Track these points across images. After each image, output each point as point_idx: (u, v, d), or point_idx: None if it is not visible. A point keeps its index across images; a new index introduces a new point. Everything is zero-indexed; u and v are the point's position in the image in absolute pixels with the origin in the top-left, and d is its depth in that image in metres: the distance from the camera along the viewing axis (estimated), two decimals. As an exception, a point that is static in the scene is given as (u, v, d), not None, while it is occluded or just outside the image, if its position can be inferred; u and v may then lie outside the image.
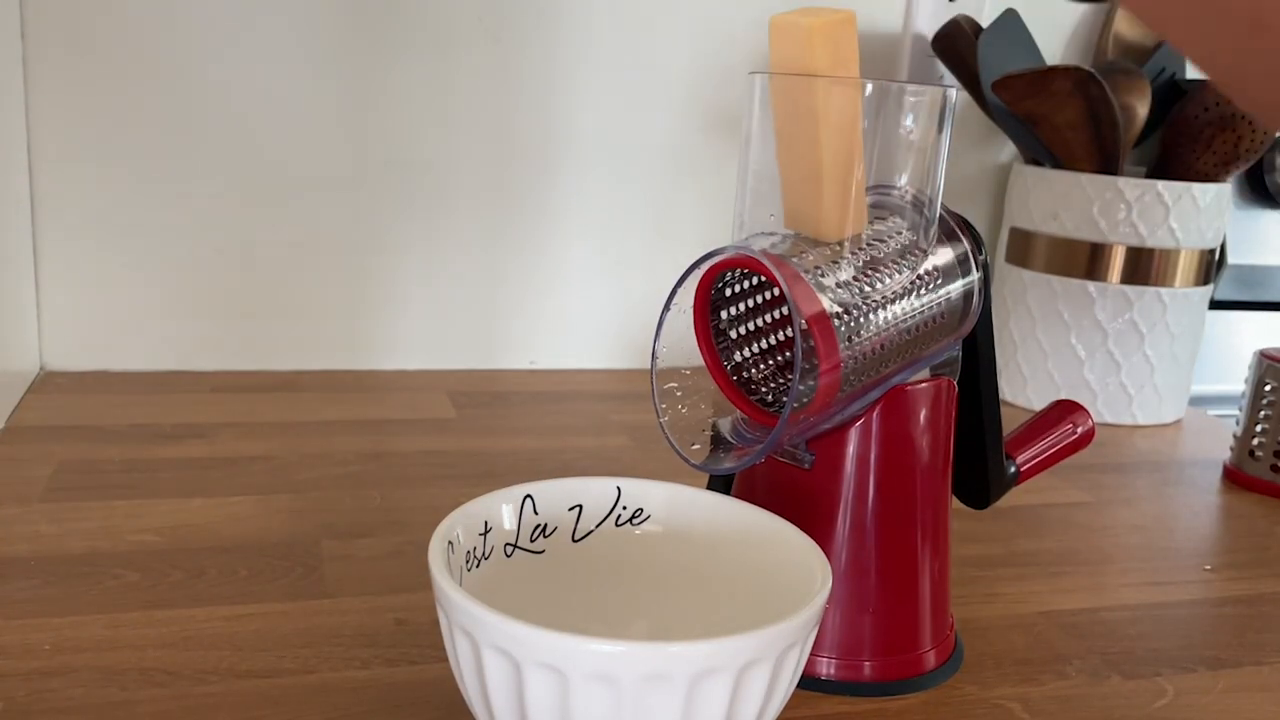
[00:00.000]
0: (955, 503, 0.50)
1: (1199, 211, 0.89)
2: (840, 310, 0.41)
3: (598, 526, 0.45)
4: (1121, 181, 0.88)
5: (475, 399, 0.86)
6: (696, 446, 0.45)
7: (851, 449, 0.46)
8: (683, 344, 0.45)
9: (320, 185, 0.87)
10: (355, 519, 0.61)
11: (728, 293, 0.46)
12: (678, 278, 0.44)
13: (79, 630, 0.47)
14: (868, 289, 0.42)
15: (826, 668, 0.47)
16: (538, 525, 0.44)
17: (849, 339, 0.41)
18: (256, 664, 0.46)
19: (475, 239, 0.92)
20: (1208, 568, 0.64)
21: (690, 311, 0.45)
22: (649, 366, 0.45)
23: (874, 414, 0.45)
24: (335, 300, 0.90)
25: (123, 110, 0.81)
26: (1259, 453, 0.78)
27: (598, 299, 0.97)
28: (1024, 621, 0.55)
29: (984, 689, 0.48)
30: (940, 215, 0.46)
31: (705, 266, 0.43)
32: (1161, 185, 0.88)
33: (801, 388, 0.41)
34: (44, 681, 0.43)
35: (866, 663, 0.47)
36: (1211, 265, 0.92)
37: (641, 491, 0.45)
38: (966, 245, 0.47)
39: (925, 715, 0.46)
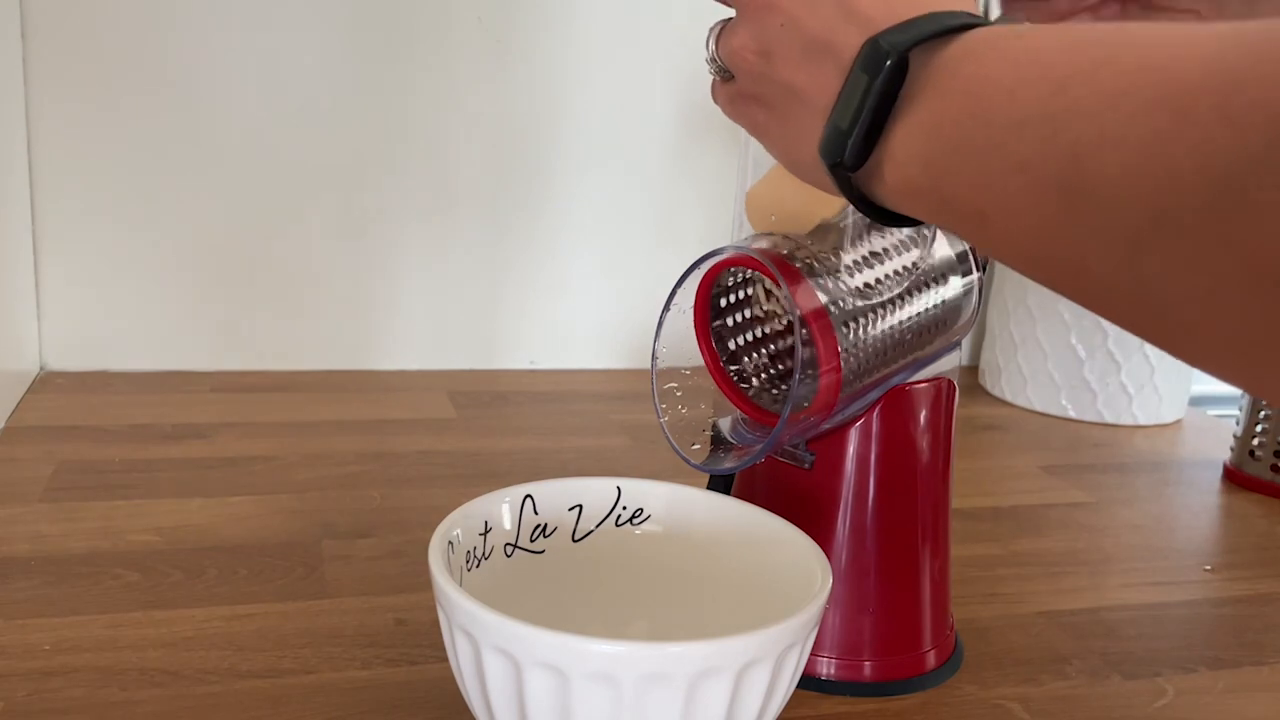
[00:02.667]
0: (955, 503, 0.50)
1: (1199, 211, 0.89)
2: (841, 310, 0.41)
3: (598, 526, 0.45)
4: (1121, 181, 0.88)
5: (475, 399, 0.86)
6: (696, 446, 0.45)
7: (851, 449, 0.46)
8: (683, 344, 0.45)
9: (320, 185, 0.87)
10: (355, 519, 0.61)
11: (729, 293, 0.46)
12: (677, 278, 0.44)
13: (79, 630, 0.47)
14: (868, 289, 0.42)
15: (826, 668, 0.47)
16: (538, 525, 0.44)
17: (849, 339, 0.41)
18: (256, 664, 0.46)
19: (475, 239, 0.92)
20: (1208, 568, 0.64)
21: (690, 312, 0.45)
22: (649, 367, 0.45)
23: (874, 414, 0.45)
24: (335, 300, 0.90)
25: (123, 111, 0.81)
26: (1259, 453, 0.78)
27: (598, 299, 0.96)
28: (1024, 621, 0.55)
29: (984, 689, 0.48)
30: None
31: (705, 267, 0.43)
32: (1161, 185, 0.88)
33: (802, 388, 0.41)
34: (44, 681, 0.43)
35: (866, 663, 0.47)
36: (1211, 265, 0.92)
37: (641, 491, 0.45)
38: (966, 245, 0.47)
39: (925, 715, 0.46)
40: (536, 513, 0.44)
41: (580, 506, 0.45)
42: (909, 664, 0.47)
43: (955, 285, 0.46)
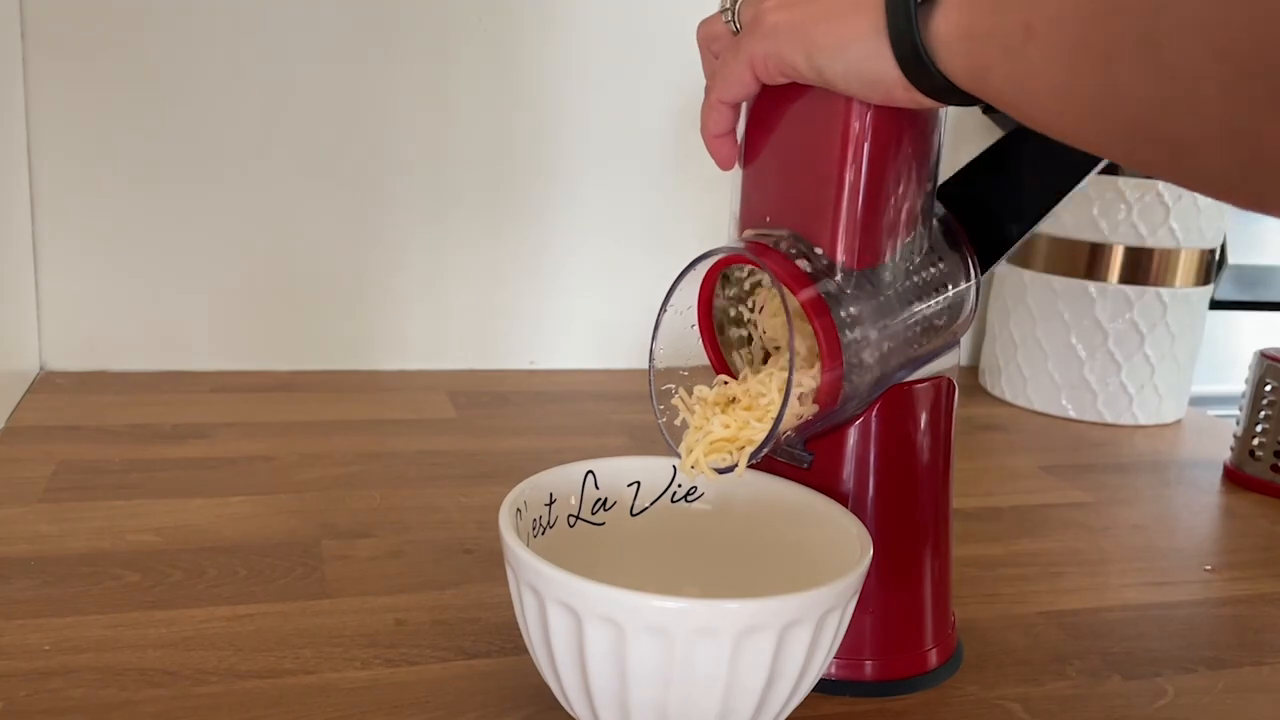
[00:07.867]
0: (955, 503, 0.50)
1: (1199, 211, 0.89)
2: (840, 309, 0.41)
3: (654, 503, 0.48)
4: (1121, 181, 0.88)
5: (475, 399, 0.86)
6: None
7: (850, 448, 0.46)
8: (681, 344, 0.45)
9: (320, 185, 0.87)
10: (355, 519, 0.61)
11: (732, 292, 0.46)
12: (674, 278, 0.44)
13: (79, 630, 0.47)
14: (868, 288, 0.42)
15: (827, 667, 0.47)
16: (599, 499, 0.47)
17: (849, 338, 0.41)
18: (256, 664, 0.46)
19: (475, 239, 0.92)
20: (1208, 568, 0.64)
21: (686, 312, 0.45)
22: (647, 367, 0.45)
23: (873, 413, 0.45)
24: (335, 300, 0.90)
25: (122, 111, 0.81)
26: (1259, 453, 0.78)
27: (598, 299, 0.96)
28: (1024, 621, 0.55)
29: (985, 689, 0.48)
30: (940, 215, 0.46)
31: (702, 267, 0.43)
32: (1161, 185, 0.88)
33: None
34: (44, 681, 0.43)
35: (868, 662, 0.47)
36: (1211, 265, 0.92)
37: None
38: (965, 244, 0.47)
39: (926, 715, 0.46)
40: (598, 488, 0.47)
41: (638, 483, 0.48)
42: (910, 663, 0.47)
43: (956, 284, 0.46)
